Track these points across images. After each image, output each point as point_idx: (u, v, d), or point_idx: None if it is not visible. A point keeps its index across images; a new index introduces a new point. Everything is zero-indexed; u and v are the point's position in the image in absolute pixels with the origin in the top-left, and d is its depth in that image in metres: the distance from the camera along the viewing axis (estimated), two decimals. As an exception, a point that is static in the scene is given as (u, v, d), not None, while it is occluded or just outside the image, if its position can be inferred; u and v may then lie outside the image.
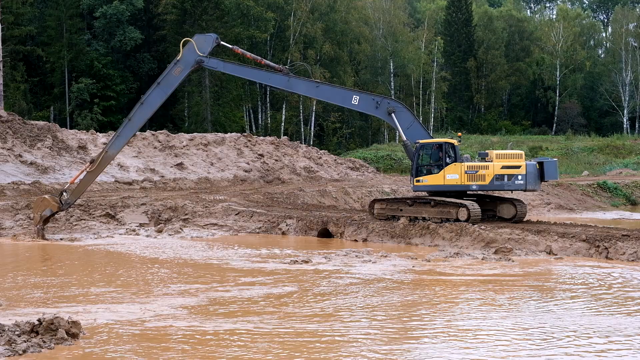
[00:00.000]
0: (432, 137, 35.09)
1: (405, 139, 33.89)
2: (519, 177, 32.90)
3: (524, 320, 17.80)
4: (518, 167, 32.89)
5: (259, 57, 36.12)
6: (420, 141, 33.46)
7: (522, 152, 34.25)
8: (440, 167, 33.00)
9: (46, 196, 34.06)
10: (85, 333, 16.03)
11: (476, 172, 32.79)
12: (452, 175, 32.89)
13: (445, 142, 33.58)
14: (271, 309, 18.97)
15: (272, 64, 35.38)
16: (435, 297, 20.82)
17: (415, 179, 33.35)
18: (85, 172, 33.39)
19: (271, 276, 23.84)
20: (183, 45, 34.13)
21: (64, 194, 33.33)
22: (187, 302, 19.70)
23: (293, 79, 34.67)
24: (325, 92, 35.71)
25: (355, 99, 34.25)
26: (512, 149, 36.16)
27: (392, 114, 33.75)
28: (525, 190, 33.59)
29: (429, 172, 33.16)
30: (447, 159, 33.02)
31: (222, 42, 35.21)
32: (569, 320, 17.77)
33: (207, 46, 34.27)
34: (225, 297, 20.58)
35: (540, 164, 33.48)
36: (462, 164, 32.92)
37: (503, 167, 32.84)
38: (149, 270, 25.15)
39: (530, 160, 33.88)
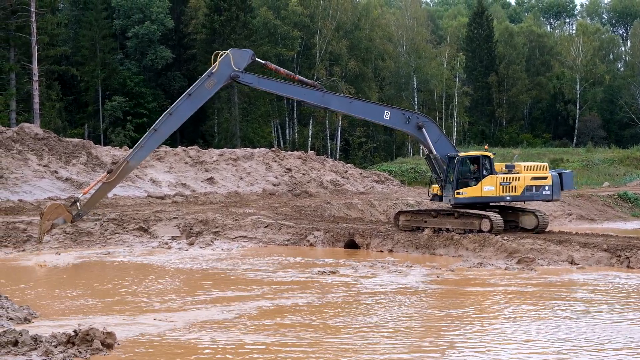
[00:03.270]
0: (458, 151, 35.28)
1: (435, 153, 34.10)
2: (546, 188, 33.96)
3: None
4: (545, 178, 34.01)
5: (293, 73, 35.24)
6: (460, 154, 34.03)
7: (547, 164, 35.34)
8: (478, 180, 33.65)
9: (62, 204, 32.69)
10: (120, 344, 16.34)
11: (509, 183, 33.66)
12: (488, 187, 33.60)
13: (482, 155, 34.24)
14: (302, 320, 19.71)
15: (305, 79, 34.60)
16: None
17: (456, 192, 33.58)
18: (101, 183, 31.39)
19: (305, 287, 24.60)
20: (215, 58, 32.73)
21: (77, 204, 31.29)
22: (225, 313, 20.06)
23: (327, 94, 34.00)
24: (358, 108, 34.96)
25: (387, 115, 34.01)
26: (517, 162, 36.84)
27: (423, 129, 33.96)
28: (551, 200, 34.54)
29: (467, 185, 33.70)
30: (484, 171, 33.76)
31: (256, 59, 34.11)
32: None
33: (243, 62, 33.20)
34: (265, 307, 21.20)
35: (559, 175, 34.50)
36: (497, 176, 33.66)
37: (533, 179, 33.90)
38: (184, 282, 25.72)
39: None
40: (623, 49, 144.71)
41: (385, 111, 34.29)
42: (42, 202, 41.89)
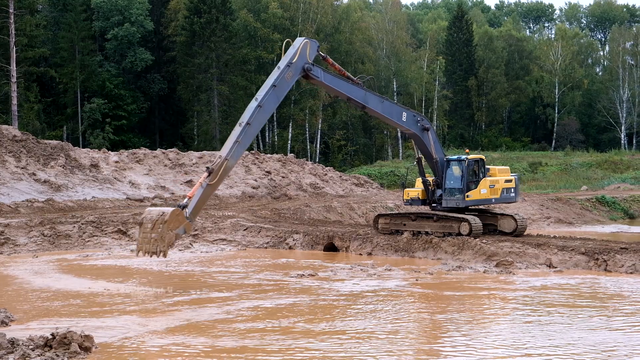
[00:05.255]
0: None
1: (435, 156, 34.22)
2: (512, 190, 34.93)
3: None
4: (511, 181, 34.95)
5: (343, 69, 33.71)
6: (470, 157, 34.37)
7: (509, 167, 36.03)
8: (477, 183, 34.11)
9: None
10: (98, 347, 16.38)
11: (494, 186, 34.30)
12: (484, 189, 34.15)
13: (480, 159, 34.82)
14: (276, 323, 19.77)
15: (351, 76, 33.20)
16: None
17: (466, 195, 33.86)
18: (203, 186, 26.92)
19: (283, 290, 24.69)
20: (286, 48, 30.12)
21: (185, 210, 25.85)
22: (203, 317, 20.16)
23: (368, 92, 33.08)
24: (387, 108, 33.78)
25: (404, 116, 33.64)
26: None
27: (428, 131, 34.02)
28: (514, 202, 35.35)
29: (470, 188, 34.02)
30: (481, 174, 34.30)
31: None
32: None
33: (313, 53, 30.69)
34: (243, 311, 21.30)
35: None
36: (487, 179, 34.19)
37: (505, 181, 34.67)
38: (161, 285, 25.72)
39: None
40: (601, 53, 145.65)
41: (403, 112, 33.96)
42: (20, 205, 41.58)
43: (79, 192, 46.58)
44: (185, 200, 25.78)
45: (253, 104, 27.99)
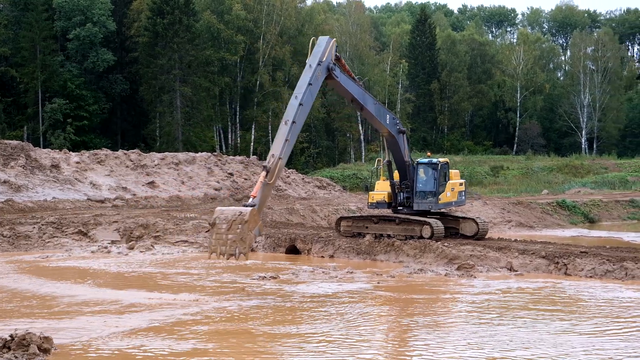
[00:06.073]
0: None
1: (407, 158, 34.53)
2: (463, 194, 35.65)
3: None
4: (462, 184, 35.68)
5: (349, 70, 33.17)
6: (442, 160, 34.93)
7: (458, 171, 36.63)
8: (444, 186, 34.41)
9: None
10: (57, 349, 16.26)
11: (454, 189, 34.74)
12: (449, 192, 34.52)
13: (446, 162, 35.27)
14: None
15: (353, 75, 33.03)
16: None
17: (438, 198, 34.26)
18: (263, 185, 26.88)
19: (244, 292, 24.61)
20: (312, 46, 29.89)
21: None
22: (161, 319, 19.98)
23: (366, 94, 33.29)
24: (378, 109, 33.90)
25: (387, 118, 33.98)
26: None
27: (403, 134, 34.49)
28: (463, 205, 35.95)
29: (440, 191, 34.29)
30: (447, 177, 34.68)
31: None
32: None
33: (333, 52, 30.35)
34: (205, 312, 21.27)
35: None
36: (450, 182, 34.66)
37: (459, 185, 35.28)
38: (121, 287, 25.53)
39: None
40: (563, 58, 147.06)
41: (387, 114, 34.31)
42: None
43: (40, 193, 46.22)
44: (251, 199, 25.51)
45: (295, 102, 28.04)
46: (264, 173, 26.12)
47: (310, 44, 30.06)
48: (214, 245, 23.89)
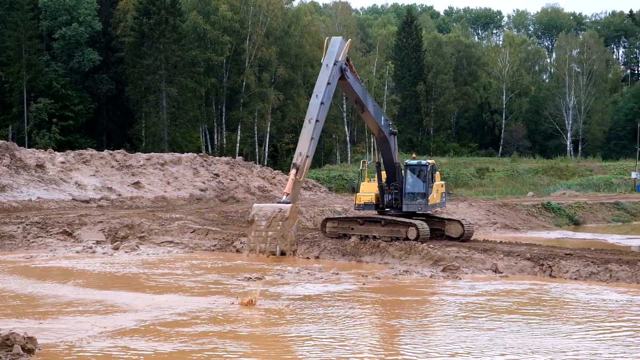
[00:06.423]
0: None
1: (397, 160, 34.87)
2: (444, 196, 36.14)
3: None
4: (443, 185, 36.25)
5: (355, 71, 33.71)
6: (430, 162, 35.10)
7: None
8: (432, 188, 34.80)
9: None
10: (41, 349, 16.16)
11: (438, 191, 35.12)
12: (435, 194, 34.92)
13: (434, 164, 35.56)
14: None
15: (358, 77, 33.43)
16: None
17: (427, 199, 34.61)
18: (295, 182, 29.52)
19: (229, 293, 24.53)
20: (326, 46, 30.57)
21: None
22: (146, 320, 19.89)
23: (367, 96, 33.61)
24: (376, 111, 34.33)
25: (383, 119, 34.30)
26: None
27: (394, 136, 34.80)
28: (444, 206, 36.26)
29: (429, 193, 34.63)
30: (434, 179, 35.00)
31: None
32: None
33: (346, 54, 30.93)
34: (191, 313, 21.17)
35: None
36: (435, 184, 34.99)
37: (442, 186, 35.77)
38: (106, 287, 25.38)
39: None
40: (548, 60, 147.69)
41: (382, 116, 34.59)
42: None
43: (24, 193, 45.91)
44: (285, 197, 26.62)
45: (316, 101, 28.97)
46: (293, 171, 27.35)
47: (325, 43, 30.79)
48: (253, 242, 23.91)
